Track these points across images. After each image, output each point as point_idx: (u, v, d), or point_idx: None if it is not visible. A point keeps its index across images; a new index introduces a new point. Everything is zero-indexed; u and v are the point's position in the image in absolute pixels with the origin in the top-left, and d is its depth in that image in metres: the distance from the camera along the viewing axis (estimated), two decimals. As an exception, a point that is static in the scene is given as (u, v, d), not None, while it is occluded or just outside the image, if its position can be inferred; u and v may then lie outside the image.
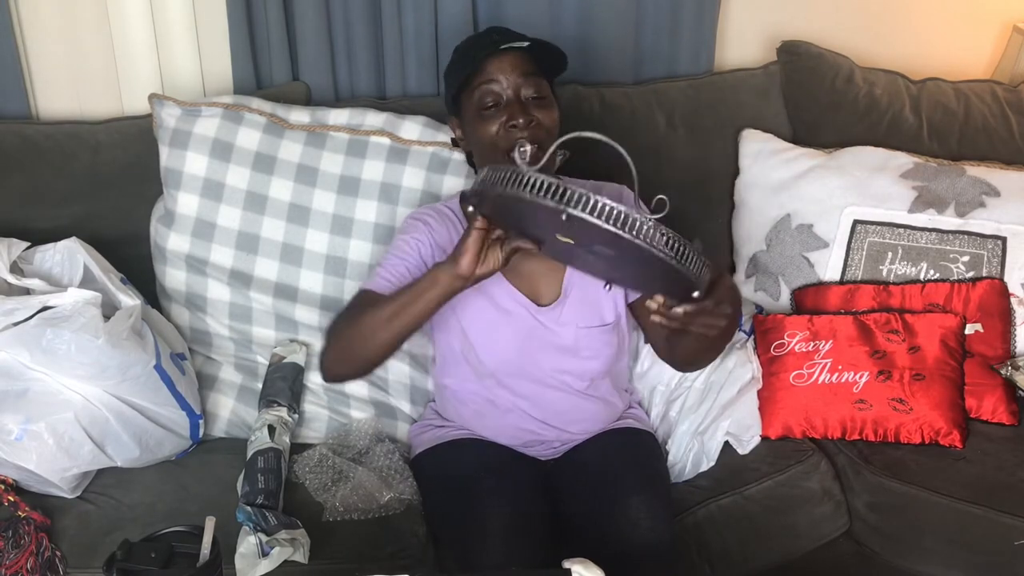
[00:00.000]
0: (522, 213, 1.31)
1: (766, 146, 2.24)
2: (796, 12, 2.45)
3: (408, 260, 1.67)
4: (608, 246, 1.27)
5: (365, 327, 1.54)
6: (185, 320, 1.98)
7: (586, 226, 1.19)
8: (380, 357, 1.58)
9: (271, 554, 1.50)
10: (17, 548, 1.51)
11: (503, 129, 1.61)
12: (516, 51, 1.64)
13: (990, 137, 2.29)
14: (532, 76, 1.64)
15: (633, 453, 1.78)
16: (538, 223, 1.32)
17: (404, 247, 1.69)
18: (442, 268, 1.46)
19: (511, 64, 1.63)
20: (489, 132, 1.62)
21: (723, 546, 1.80)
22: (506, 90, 1.63)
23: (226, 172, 1.92)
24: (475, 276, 1.44)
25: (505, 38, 1.67)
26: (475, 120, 1.65)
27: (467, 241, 1.42)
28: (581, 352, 1.73)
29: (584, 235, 1.25)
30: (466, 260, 1.42)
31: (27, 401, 1.62)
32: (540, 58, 1.67)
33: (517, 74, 1.63)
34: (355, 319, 1.57)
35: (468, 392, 1.77)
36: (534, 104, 1.63)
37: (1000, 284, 2.03)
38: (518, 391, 1.74)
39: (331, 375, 1.65)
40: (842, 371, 1.93)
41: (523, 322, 1.70)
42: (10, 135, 1.99)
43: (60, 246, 1.80)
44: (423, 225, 1.72)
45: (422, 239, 1.69)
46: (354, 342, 1.56)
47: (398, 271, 1.65)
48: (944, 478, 1.84)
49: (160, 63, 2.09)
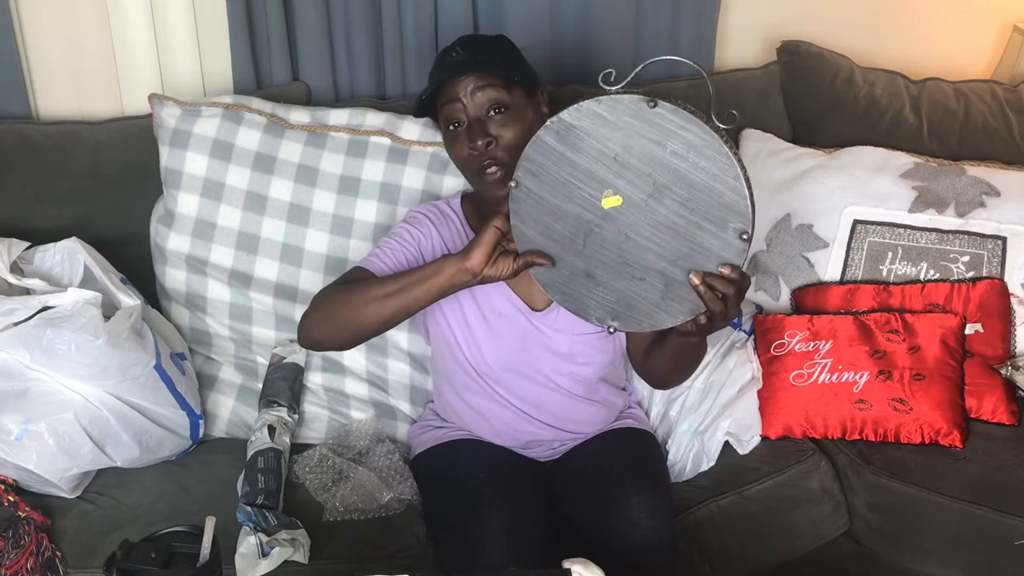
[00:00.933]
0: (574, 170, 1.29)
1: (766, 146, 2.25)
2: (796, 12, 2.45)
3: (407, 249, 1.66)
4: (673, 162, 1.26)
5: (358, 298, 1.52)
6: (185, 320, 1.98)
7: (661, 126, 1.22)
8: (364, 332, 1.56)
9: (271, 554, 1.50)
10: (17, 548, 1.51)
11: (469, 153, 1.61)
12: (472, 68, 1.60)
13: (990, 137, 2.29)
14: (490, 88, 1.59)
15: (633, 453, 1.78)
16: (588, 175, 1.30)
17: (405, 235, 1.69)
18: (451, 259, 1.46)
19: (469, 84, 1.60)
20: (459, 154, 1.64)
21: (723, 546, 1.80)
22: (466, 110, 1.61)
23: (226, 172, 1.92)
24: (482, 275, 1.43)
25: (462, 53, 1.63)
26: (446, 141, 1.68)
27: (483, 237, 1.42)
28: (576, 358, 1.72)
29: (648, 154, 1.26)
30: (478, 255, 1.41)
31: (27, 401, 1.62)
32: (507, 66, 1.64)
33: (475, 90, 1.59)
34: (349, 289, 1.55)
35: (465, 395, 1.77)
36: (497, 121, 1.60)
37: (1000, 284, 2.03)
38: (516, 394, 1.74)
39: (308, 338, 1.60)
40: (842, 371, 1.93)
41: (518, 326, 1.70)
42: (10, 135, 1.99)
43: (60, 246, 1.80)
44: (426, 220, 1.72)
45: (424, 232, 1.70)
46: (343, 309, 1.54)
47: (396, 256, 1.65)
48: (944, 478, 1.84)
49: (160, 63, 2.09)
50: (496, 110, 1.60)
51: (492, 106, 1.60)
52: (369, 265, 1.64)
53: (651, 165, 1.28)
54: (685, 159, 1.26)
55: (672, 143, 1.26)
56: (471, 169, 1.63)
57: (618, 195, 1.30)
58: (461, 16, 2.19)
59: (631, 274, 1.35)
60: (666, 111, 1.24)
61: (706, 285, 1.32)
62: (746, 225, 1.28)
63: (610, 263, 1.35)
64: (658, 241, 1.32)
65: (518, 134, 1.59)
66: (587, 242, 1.34)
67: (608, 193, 1.31)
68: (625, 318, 1.39)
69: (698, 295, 1.33)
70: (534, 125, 1.62)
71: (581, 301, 1.39)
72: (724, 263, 1.31)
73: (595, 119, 1.28)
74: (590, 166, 1.30)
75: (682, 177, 1.27)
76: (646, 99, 1.25)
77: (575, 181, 1.31)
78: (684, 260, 1.32)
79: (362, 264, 1.65)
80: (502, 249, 1.43)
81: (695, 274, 1.32)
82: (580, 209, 1.33)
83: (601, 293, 1.38)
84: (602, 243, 1.34)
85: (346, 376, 1.95)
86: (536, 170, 1.32)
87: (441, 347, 1.76)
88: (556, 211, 1.34)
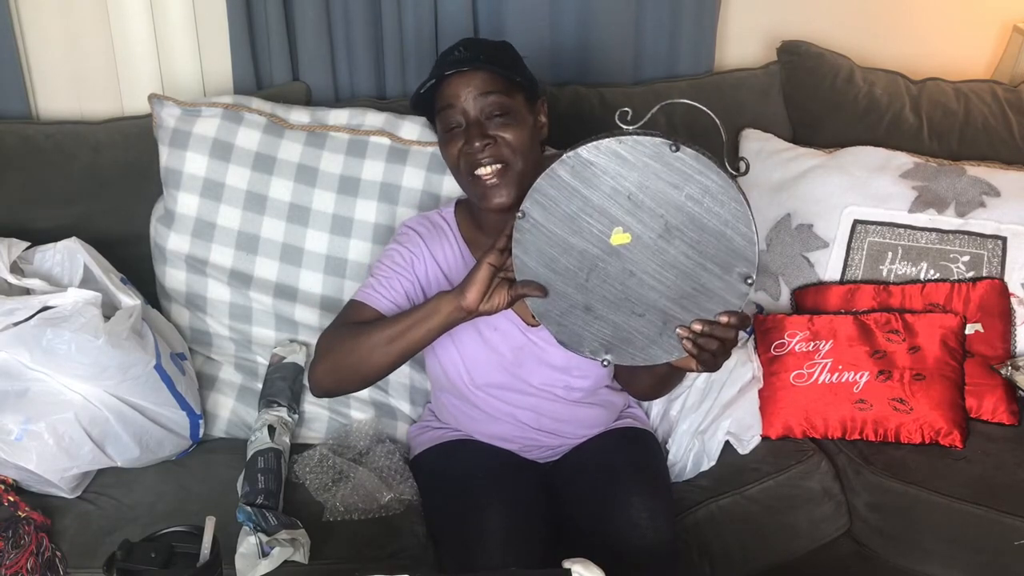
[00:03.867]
0: (585, 205, 1.30)
1: (766, 146, 2.25)
2: (796, 12, 2.45)
3: (402, 276, 1.66)
4: (687, 205, 1.28)
5: (362, 346, 1.53)
6: (185, 320, 1.98)
7: (680, 170, 1.25)
8: (374, 377, 1.58)
9: (271, 554, 1.50)
10: (17, 548, 1.51)
11: (462, 152, 1.59)
12: (476, 70, 1.58)
13: (990, 137, 2.29)
14: (493, 94, 1.58)
15: (633, 453, 1.77)
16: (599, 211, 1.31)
17: (398, 259, 1.67)
18: (446, 298, 1.46)
19: (470, 84, 1.58)
20: (451, 155, 1.61)
21: (723, 546, 1.80)
22: (465, 112, 1.58)
23: (226, 172, 1.92)
24: (478, 311, 1.43)
25: (465, 54, 1.61)
26: (442, 142, 1.65)
27: (476, 275, 1.41)
28: (571, 371, 1.71)
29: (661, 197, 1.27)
30: (472, 294, 1.41)
31: (27, 401, 1.62)
32: (511, 70, 1.62)
33: (477, 93, 1.58)
34: (352, 336, 1.55)
35: (463, 407, 1.76)
36: (497, 123, 1.58)
37: (1000, 284, 2.03)
38: (513, 403, 1.73)
39: (321, 389, 1.62)
40: (842, 371, 1.93)
41: (513, 340, 1.69)
42: (10, 135, 1.99)
43: (60, 246, 1.80)
44: (416, 236, 1.70)
45: (416, 252, 1.68)
46: (350, 359, 1.55)
47: (393, 287, 1.64)
48: (944, 478, 1.84)
49: (160, 63, 2.09)
50: (496, 113, 1.58)
51: (493, 108, 1.58)
52: (367, 299, 1.63)
53: (665, 206, 1.29)
54: (700, 203, 1.28)
55: (689, 187, 1.28)
56: (463, 169, 1.60)
57: (628, 232, 1.31)
58: (461, 16, 2.19)
59: (631, 309, 1.35)
60: (687, 156, 1.26)
61: (693, 342, 1.34)
62: (751, 270, 1.30)
63: (611, 298, 1.35)
64: (663, 280, 1.33)
65: (517, 137, 1.58)
66: (590, 276, 1.35)
67: (618, 230, 1.31)
68: (620, 351, 1.39)
69: (685, 350, 1.35)
70: (533, 132, 1.62)
71: (576, 333, 1.39)
72: (723, 311, 1.33)
73: (613, 157, 1.28)
74: (602, 203, 1.30)
75: (695, 220, 1.29)
76: (668, 143, 1.26)
77: (585, 216, 1.32)
78: (687, 300, 1.33)
79: (360, 299, 1.64)
80: (498, 280, 1.43)
81: (682, 328, 1.34)
82: (587, 244, 1.33)
83: (598, 326, 1.38)
84: (605, 278, 1.34)
85: (346, 376, 1.95)
86: (546, 203, 1.33)
87: (435, 360, 1.75)
88: (562, 244, 1.34)
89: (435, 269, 1.69)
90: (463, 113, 1.59)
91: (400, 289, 1.64)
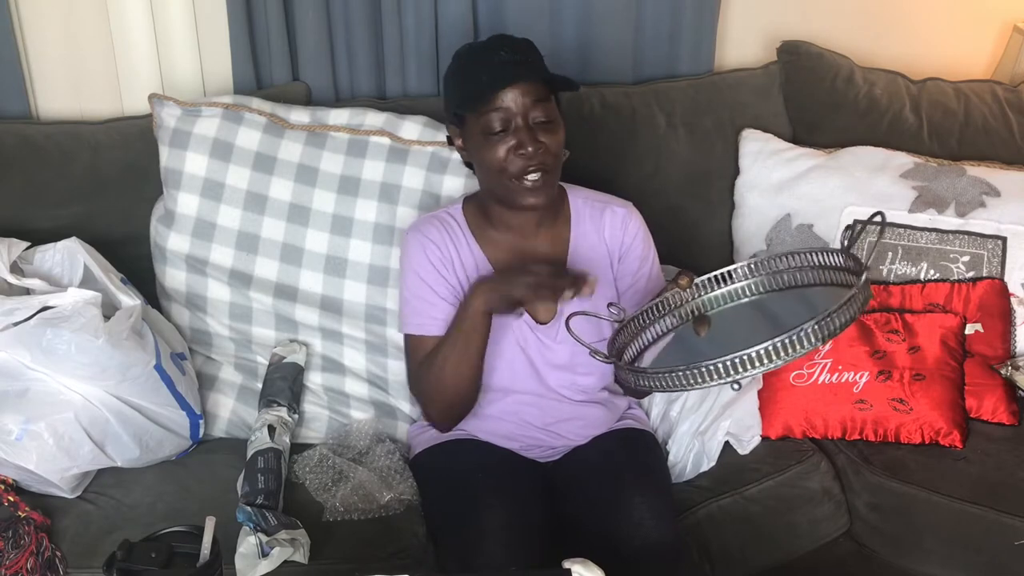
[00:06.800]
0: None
1: (766, 146, 2.24)
2: (796, 12, 2.45)
3: (438, 289, 1.70)
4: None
5: (447, 377, 1.64)
6: (185, 320, 1.98)
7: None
8: (476, 385, 1.68)
9: (271, 554, 1.50)
10: (17, 548, 1.51)
11: (511, 155, 1.60)
12: (525, 75, 1.60)
13: (990, 137, 2.29)
14: (542, 102, 1.61)
15: (634, 453, 1.78)
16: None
17: (431, 273, 1.70)
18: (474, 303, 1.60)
19: (523, 90, 1.59)
20: (497, 157, 1.61)
21: (723, 546, 1.80)
22: (516, 116, 1.59)
23: (226, 172, 1.92)
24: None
25: (512, 56, 1.62)
26: (481, 143, 1.63)
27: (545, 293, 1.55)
28: (577, 369, 1.73)
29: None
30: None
31: (27, 401, 1.62)
32: (551, 78, 1.64)
33: (529, 100, 1.59)
34: (433, 373, 1.65)
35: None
36: (541, 128, 1.60)
37: (1000, 284, 2.03)
38: (517, 401, 1.74)
39: (449, 425, 1.74)
40: (842, 371, 1.93)
41: (520, 337, 1.71)
42: (10, 135, 1.99)
43: (60, 246, 1.80)
44: (433, 245, 1.71)
45: (444, 257, 1.71)
46: (447, 393, 1.66)
47: (436, 303, 1.69)
48: (944, 478, 1.84)
49: (160, 63, 2.09)
50: (542, 119, 1.61)
51: (540, 115, 1.60)
52: (423, 331, 1.70)
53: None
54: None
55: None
56: (509, 170, 1.60)
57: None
58: (461, 16, 2.19)
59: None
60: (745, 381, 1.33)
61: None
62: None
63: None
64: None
65: (557, 143, 1.63)
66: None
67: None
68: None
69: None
70: (564, 134, 1.67)
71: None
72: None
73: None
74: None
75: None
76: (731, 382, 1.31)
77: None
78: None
79: (415, 332, 1.71)
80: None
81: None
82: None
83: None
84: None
85: (346, 376, 1.95)
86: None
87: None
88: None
89: (459, 266, 1.72)
90: (515, 117, 1.60)
91: (444, 304, 1.69)
